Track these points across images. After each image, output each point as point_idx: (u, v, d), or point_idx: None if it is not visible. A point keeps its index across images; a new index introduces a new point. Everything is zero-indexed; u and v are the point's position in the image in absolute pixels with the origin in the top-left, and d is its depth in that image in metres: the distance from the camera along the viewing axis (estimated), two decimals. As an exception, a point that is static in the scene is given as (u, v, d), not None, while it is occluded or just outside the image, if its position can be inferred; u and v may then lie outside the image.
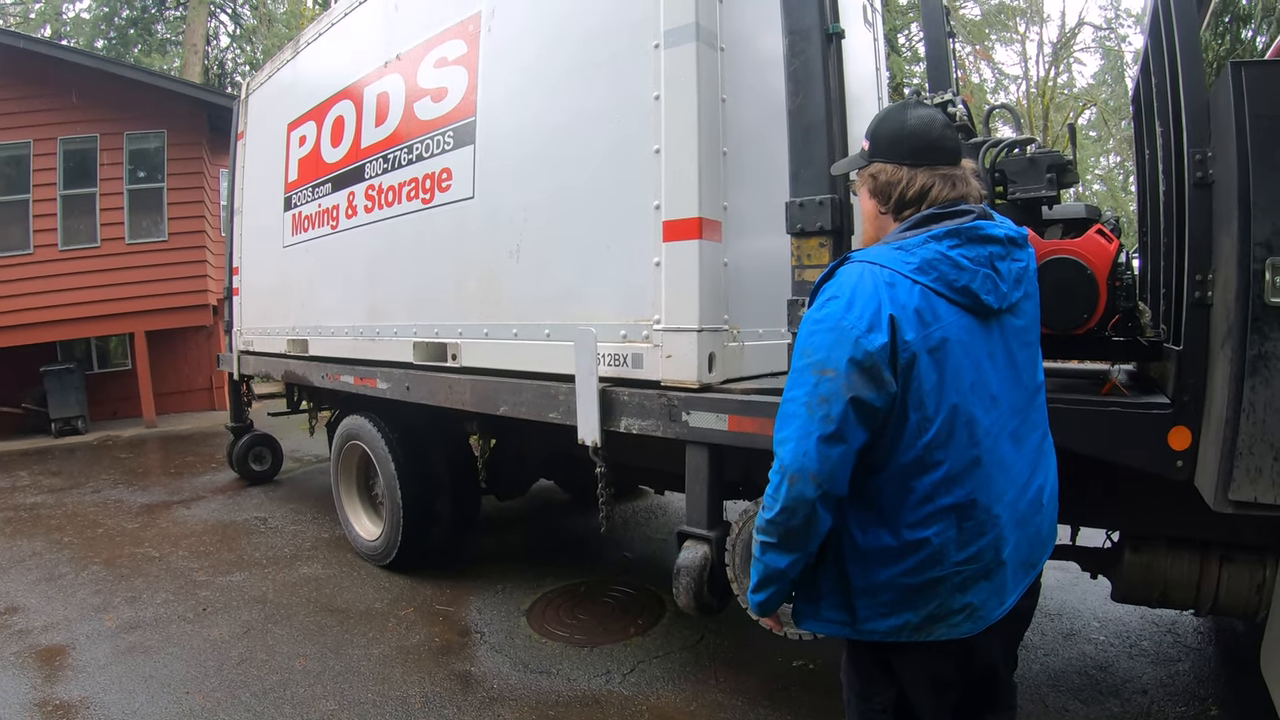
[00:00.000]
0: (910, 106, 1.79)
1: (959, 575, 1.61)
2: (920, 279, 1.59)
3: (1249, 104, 1.97)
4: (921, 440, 1.58)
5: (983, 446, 1.61)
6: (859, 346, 1.53)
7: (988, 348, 1.65)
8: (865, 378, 1.54)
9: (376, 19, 4.88)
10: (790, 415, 1.62)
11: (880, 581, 1.64)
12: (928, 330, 1.57)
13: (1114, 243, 2.57)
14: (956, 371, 1.59)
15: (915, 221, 1.68)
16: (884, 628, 1.67)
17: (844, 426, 1.54)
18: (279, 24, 22.82)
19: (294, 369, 6.09)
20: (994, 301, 1.64)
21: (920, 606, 1.63)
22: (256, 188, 6.81)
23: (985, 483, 1.61)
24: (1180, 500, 2.41)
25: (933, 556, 1.60)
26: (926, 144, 1.70)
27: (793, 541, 1.63)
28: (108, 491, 8.02)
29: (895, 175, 1.71)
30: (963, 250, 1.62)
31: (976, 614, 1.65)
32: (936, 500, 1.59)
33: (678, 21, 3.00)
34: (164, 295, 12.48)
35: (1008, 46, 25.85)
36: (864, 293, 1.58)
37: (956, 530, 1.60)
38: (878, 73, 4.70)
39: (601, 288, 3.39)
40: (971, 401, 1.60)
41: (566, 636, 4.09)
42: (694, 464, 3.06)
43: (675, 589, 3.01)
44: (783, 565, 1.67)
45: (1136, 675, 3.58)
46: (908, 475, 1.60)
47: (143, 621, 4.44)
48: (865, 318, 1.55)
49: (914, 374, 1.56)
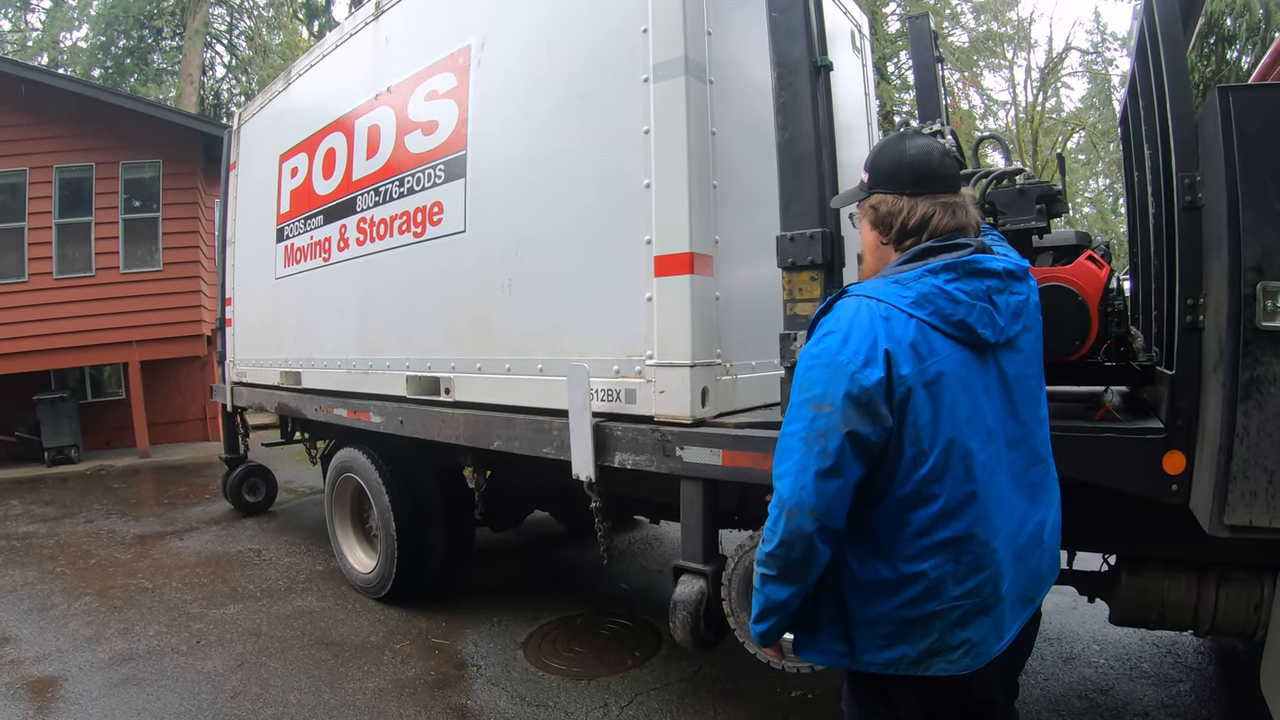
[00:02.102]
0: (908, 137, 1.80)
1: (957, 610, 1.60)
2: (916, 313, 1.59)
3: (1237, 128, 1.98)
4: (917, 474, 1.58)
5: (979, 480, 1.61)
6: (855, 382, 1.54)
7: (984, 382, 1.65)
8: (861, 413, 1.54)
9: (367, 51, 4.91)
10: (788, 450, 1.62)
11: (878, 614, 1.64)
12: (924, 365, 1.57)
13: (1105, 269, 2.58)
14: (953, 406, 1.59)
15: (913, 254, 1.68)
16: (881, 659, 1.66)
17: (841, 461, 1.55)
18: (274, 55, 23.03)
19: (287, 401, 6.07)
20: (991, 336, 1.64)
21: (918, 640, 1.62)
22: (249, 219, 6.82)
23: (983, 517, 1.61)
24: (1176, 523, 2.41)
25: (929, 590, 1.60)
26: (926, 173, 1.71)
27: (792, 574, 1.63)
28: (101, 521, 7.95)
29: (896, 205, 1.71)
30: (960, 284, 1.62)
31: (975, 650, 1.63)
32: (934, 534, 1.59)
33: (666, 55, 3.02)
34: (158, 325, 12.44)
35: (996, 73, 26.17)
36: (860, 327, 1.59)
37: (954, 564, 1.59)
38: (867, 99, 4.73)
39: (594, 322, 3.39)
40: (968, 435, 1.60)
41: (563, 669, 4.05)
42: (688, 499, 3.05)
43: (672, 624, 2.99)
44: (783, 597, 1.67)
45: (1137, 697, 3.56)
46: (904, 509, 1.60)
47: (136, 653, 4.39)
48: (861, 353, 1.56)
49: (910, 408, 1.56)
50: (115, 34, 22.17)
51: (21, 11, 24.01)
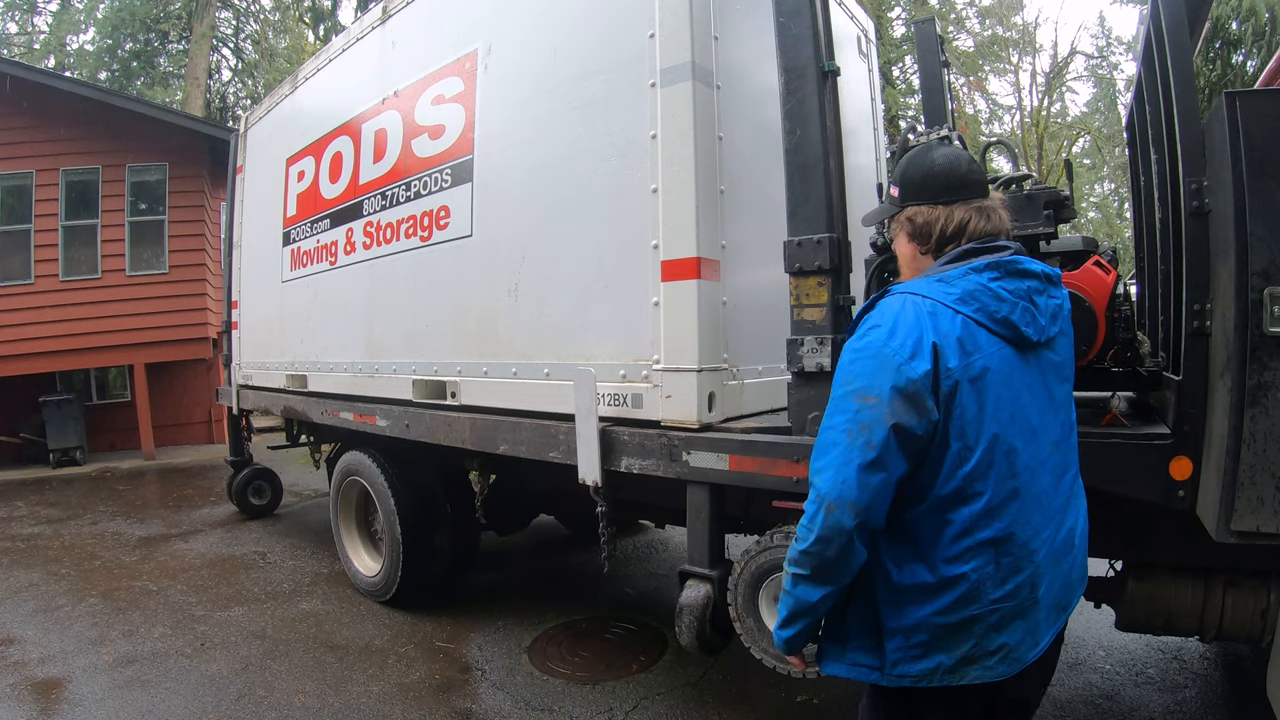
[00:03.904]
0: (933, 147, 1.83)
1: (995, 614, 1.58)
2: (962, 309, 1.60)
3: (1244, 133, 1.99)
4: (962, 470, 1.57)
5: (1022, 479, 1.60)
6: (901, 373, 1.54)
7: (1026, 380, 1.65)
8: (908, 404, 1.53)
9: (374, 55, 4.92)
10: (829, 443, 1.60)
11: (913, 621, 1.61)
12: (969, 359, 1.57)
13: (1111, 274, 2.57)
14: (997, 401, 1.59)
15: (955, 256, 1.70)
16: (915, 671, 1.63)
17: (885, 454, 1.53)
18: (280, 59, 23.10)
19: (293, 404, 6.07)
20: (1033, 334, 1.65)
21: (954, 648, 1.60)
22: (255, 222, 6.84)
23: (1023, 516, 1.60)
24: (1182, 528, 2.41)
25: (969, 594, 1.58)
26: (956, 180, 1.73)
27: (827, 574, 1.60)
28: (106, 523, 7.97)
29: (932, 215, 1.73)
30: (1003, 283, 1.64)
31: (1011, 655, 1.61)
32: (975, 534, 1.57)
33: (673, 60, 3.02)
34: (164, 328, 12.48)
35: (1001, 77, 26.14)
36: (906, 321, 1.59)
37: (994, 566, 1.58)
38: (873, 103, 4.74)
39: (600, 327, 3.39)
40: (1012, 432, 1.60)
41: (568, 673, 4.04)
42: (695, 503, 3.05)
43: (678, 628, 3.00)
44: (814, 599, 1.64)
45: (1144, 703, 3.55)
46: (946, 507, 1.59)
47: (140, 655, 4.40)
48: (908, 345, 1.56)
49: (956, 402, 1.56)
50: (122, 37, 22.22)
51: (28, 14, 24.10)
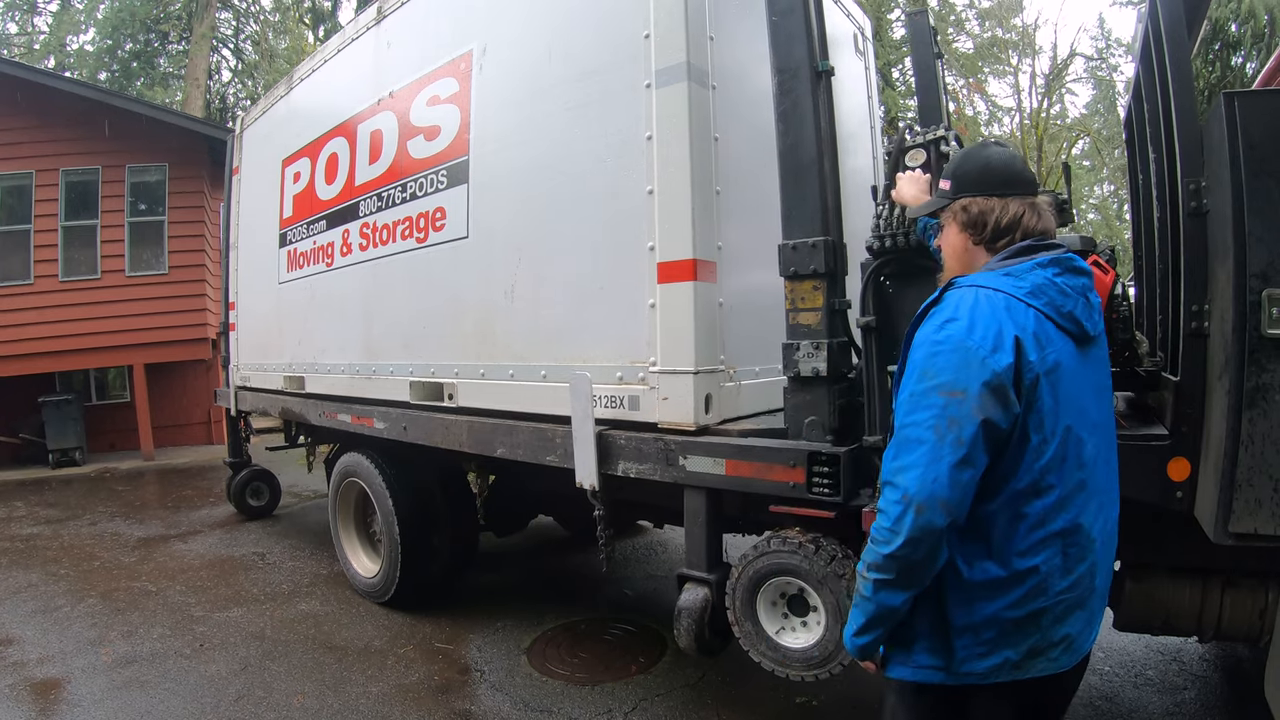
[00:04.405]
0: (986, 146, 1.86)
1: (1061, 604, 1.60)
2: (1033, 303, 1.61)
3: (1242, 134, 1.98)
4: (1039, 463, 1.57)
5: (1088, 470, 1.63)
6: (986, 367, 1.53)
7: (1085, 374, 1.67)
8: (995, 399, 1.53)
9: (369, 56, 4.91)
10: (914, 440, 1.57)
11: (983, 618, 1.60)
12: (1044, 353, 1.58)
13: (1109, 274, 2.56)
14: (1068, 394, 1.60)
15: (1015, 251, 1.71)
16: (982, 668, 1.61)
17: (974, 450, 1.52)
18: (280, 60, 23.05)
19: (291, 406, 6.07)
20: (1090, 329, 1.68)
21: (1021, 641, 1.59)
22: (252, 223, 6.83)
23: (1087, 506, 1.63)
24: (1181, 529, 2.40)
25: (1039, 586, 1.58)
26: (1012, 176, 1.76)
27: (913, 576, 1.58)
28: (105, 524, 7.98)
29: (987, 205, 1.74)
30: (1065, 279, 1.66)
31: (1073, 645, 1.64)
32: (1048, 525, 1.58)
33: (669, 61, 3.01)
34: (163, 328, 12.49)
35: (1000, 79, 26.08)
36: (983, 315, 1.58)
37: (1062, 557, 1.59)
38: (870, 103, 4.72)
39: (597, 329, 3.38)
40: (1080, 424, 1.62)
41: (567, 675, 4.04)
42: (692, 507, 3.04)
43: (676, 631, 3.00)
44: (897, 603, 1.61)
45: (1143, 704, 3.54)
46: (1021, 501, 1.58)
47: (139, 656, 4.40)
48: (989, 339, 1.55)
49: (1037, 395, 1.56)
50: (122, 38, 22.21)
51: (29, 15, 24.08)
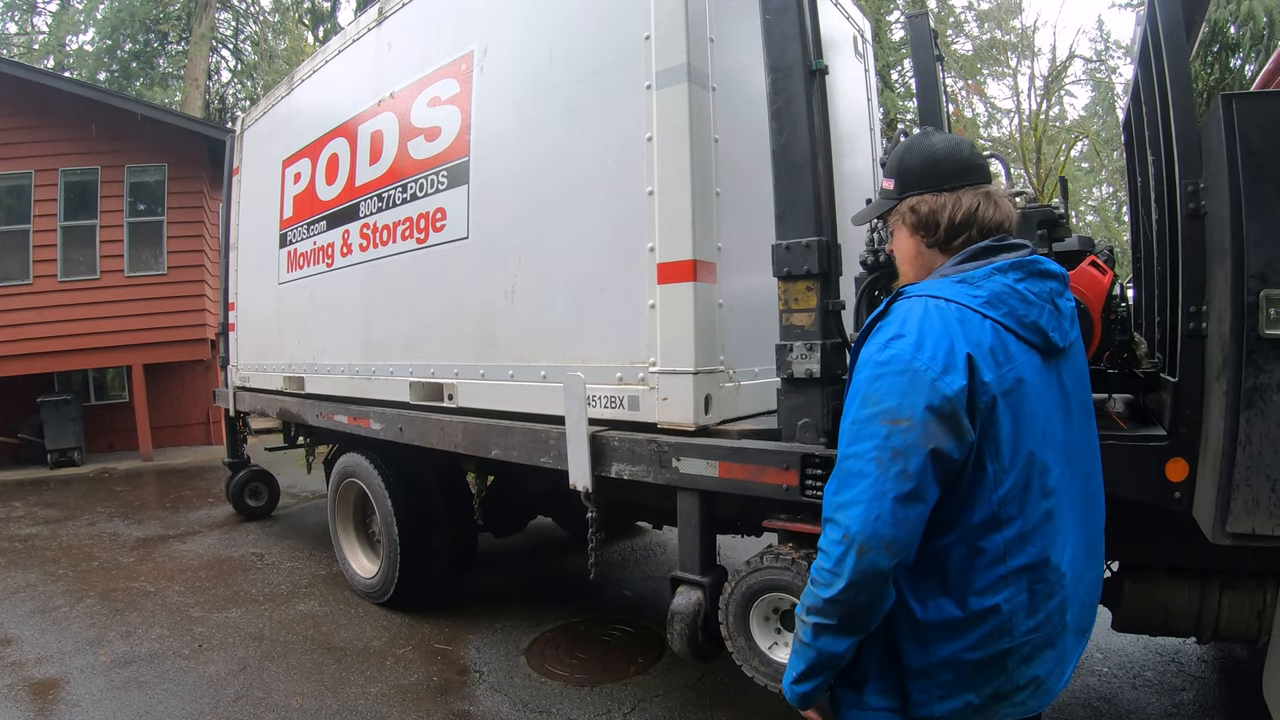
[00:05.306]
0: (929, 134, 1.70)
1: (1028, 645, 1.45)
2: (990, 314, 1.44)
3: (1240, 136, 1.99)
4: (997, 494, 1.42)
5: (1054, 499, 1.47)
6: (936, 391, 1.36)
7: (1051, 390, 1.51)
8: (945, 426, 1.37)
9: (370, 57, 4.92)
10: (855, 473, 1.40)
11: (940, 660, 1.45)
12: (1002, 371, 1.41)
13: (1108, 275, 2.57)
14: (1031, 416, 1.44)
15: (971, 254, 1.53)
16: (941, 712, 1.47)
17: (922, 484, 1.36)
18: (280, 60, 23.08)
19: (289, 407, 6.07)
20: (1059, 340, 1.51)
21: (983, 685, 1.45)
22: (252, 224, 6.83)
23: (1054, 538, 1.46)
24: (1179, 529, 2.40)
25: (1001, 626, 1.43)
26: (960, 165, 1.58)
27: (856, 623, 1.43)
28: (103, 524, 7.98)
29: (938, 202, 1.56)
30: (1028, 284, 1.49)
31: (1043, 687, 1.49)
32: (1008, 561, 1.42)
33: (669, 62, 3.01)
34: (162, 329, 12.49)
35: (999, 81, 26.13)
36: (933, 330, 1.41)
37: (1028, 594, 1.44)
38: (869, 105, 4.73)
39: (597, 329, 3.38)
40: (1044, 449, 1.46)
41: (566, 675, 4.04)
42: (685, 510, 3.03)
43: (670, 635, 2.97)
44: (840, 650, 1.45)
45: (1141, 706, 3.55)
46: (977, 535, 1.43)
47: (138, 656, 4.40)
48: (939, 358, 1.38)
49: (993, 420, 1.40)
50: (121, 38, 22.23)
51: (28, 15, 24.10)
